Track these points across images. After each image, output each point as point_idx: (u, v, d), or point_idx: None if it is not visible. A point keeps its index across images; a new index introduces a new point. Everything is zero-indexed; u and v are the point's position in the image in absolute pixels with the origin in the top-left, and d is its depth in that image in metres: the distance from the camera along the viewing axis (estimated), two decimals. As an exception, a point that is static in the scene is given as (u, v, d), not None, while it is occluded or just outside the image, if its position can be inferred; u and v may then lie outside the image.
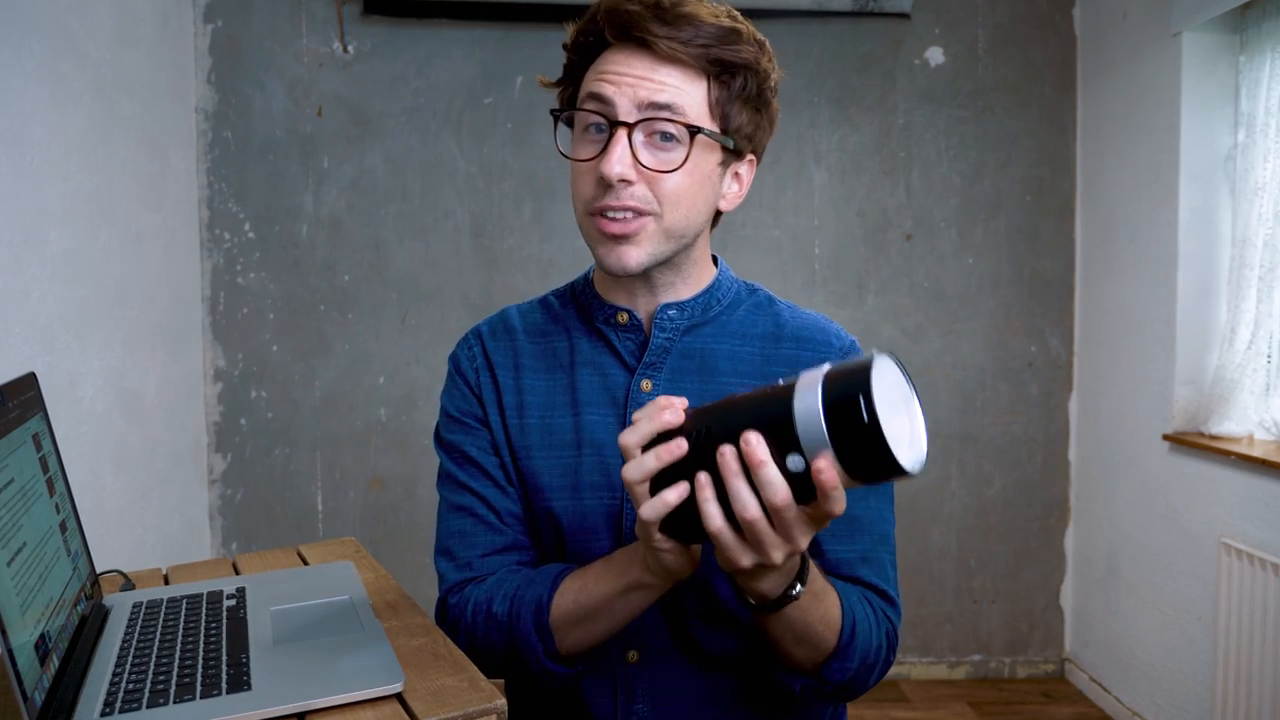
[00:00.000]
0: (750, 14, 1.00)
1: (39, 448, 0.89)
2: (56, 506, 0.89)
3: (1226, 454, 2.22)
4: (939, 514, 2.96)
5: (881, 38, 2.87)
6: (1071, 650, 2.99)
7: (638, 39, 0.87)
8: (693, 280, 0.98)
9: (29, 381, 0.91)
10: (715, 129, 0.90)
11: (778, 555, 0.71)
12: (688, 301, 0.97)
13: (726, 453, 0.69)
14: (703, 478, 0.71)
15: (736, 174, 0.96)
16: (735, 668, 0.96)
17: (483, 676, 0.77)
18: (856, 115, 2.88)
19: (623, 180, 0.87)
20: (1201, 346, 2.42)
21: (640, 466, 0.73)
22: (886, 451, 0.63)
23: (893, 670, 2.97)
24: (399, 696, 0.74)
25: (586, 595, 0.88)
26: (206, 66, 2.71)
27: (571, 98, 0.95)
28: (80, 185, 1.96)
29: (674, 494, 0.72)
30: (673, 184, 0.89)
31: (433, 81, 2.79)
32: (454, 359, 1.04)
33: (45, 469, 0.89)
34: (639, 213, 0.88)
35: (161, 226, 2.43)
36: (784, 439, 0.67)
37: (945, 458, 2.95)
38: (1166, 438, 2.44)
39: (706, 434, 0.71)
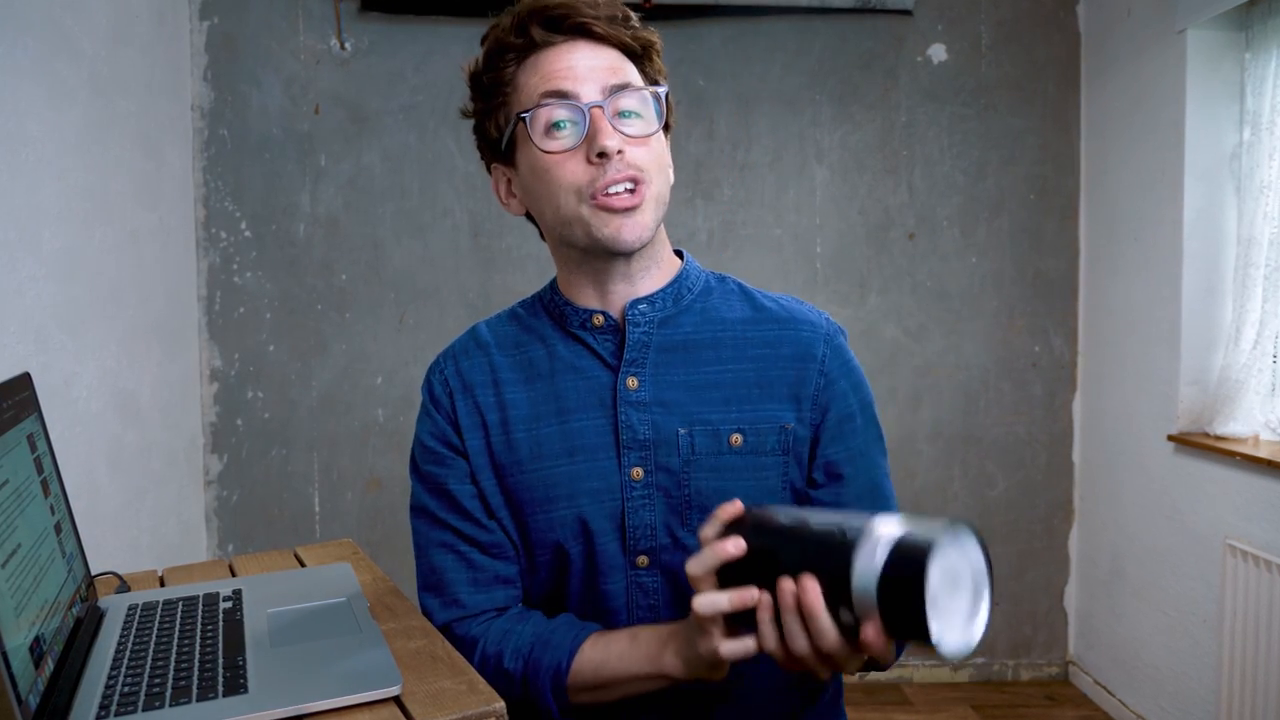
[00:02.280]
0: (752, 11, 1.02)
1: (33, 448, 0.88)
2: (51, 508, 0.89)
3: (1232, 455, 2.20)
4: (941, 515, 2.93)
5: (884, 35, 2.85)
6: (1075, 653, 2.97)
7: (573, 28, 0.91)
8: (662, 269, 0.99)
9: (23, 381, 0.91)
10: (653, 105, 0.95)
11: (824, 674, 0.76)
12: (657, 294, 0.98)
13: (785, 591, 0.73)
14: (765, 599, 0.75)
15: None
16: (742, 664, 0.95)
17: (481, 679, 0.77)
18: (858, 113, 2.87)
19: (618, 151, 0.89)
20: (1206, 346, 2.40)
21: (713, 604, 0.78)
22: (925, 633, 0.65)
23: (895, 673, 2.95)
24: (397, 699, 0.73)
25: (608, 670, 0.90)
26: (203, 64, 2.70)
27: (486, 114, 0.98)
28: (75, 183, 1.95)
29: (726, 601, 0.77)
30: (654, 149, 0.93)
31: (431, 79, 2.78)
32: (427, 386, 1.03)
33: (40, 470, 0.89)
34: (636, 182, 0.90)
35: (157, 225, 2.42)
36: (839, 592, 0.70)
37: (948, 459, 2.93)
38: (1171, 438, 2.43)
39: (769, 555, 0.76)
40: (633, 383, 0.95)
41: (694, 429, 0.94)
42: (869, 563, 0.68)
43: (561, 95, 0.90)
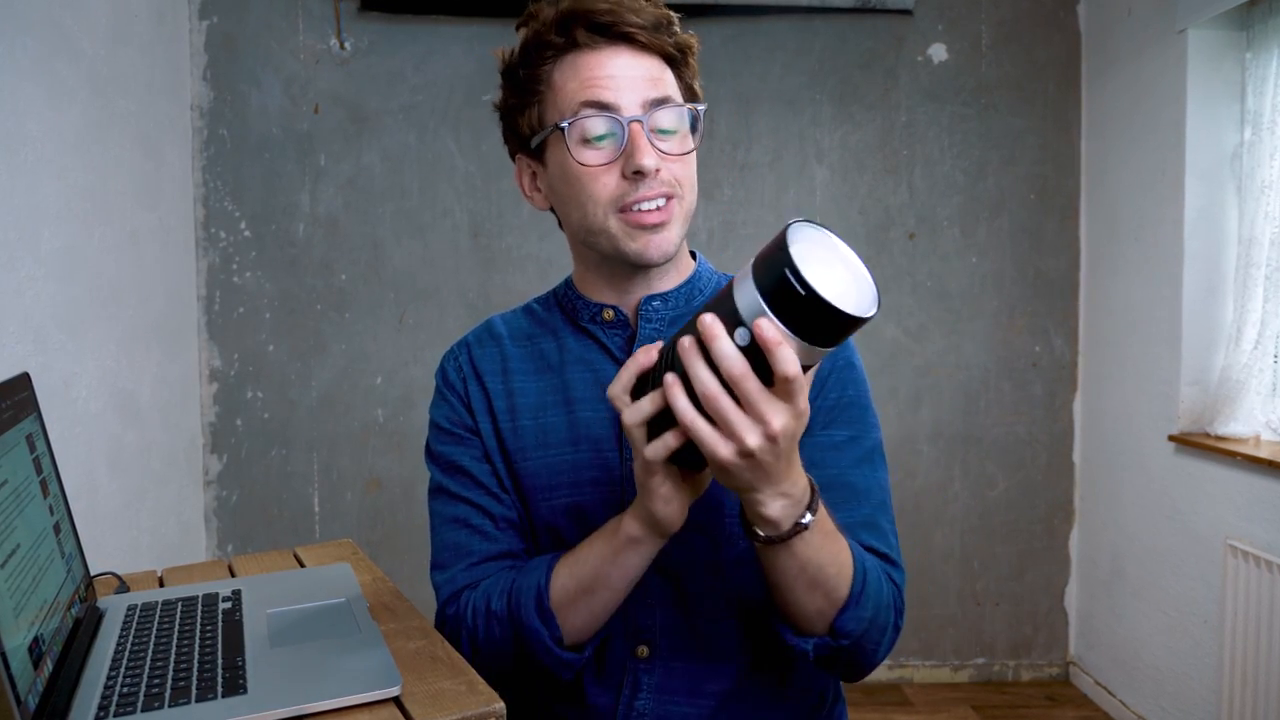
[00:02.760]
0: (752, 10, 1.02)
1: (33, 449, 0.88)
2: (50, 508, 0.89)
3: (1233, 455, 2.20)
4: (942, 516, 2.94)
5: (884, 34, 2.85)
6: (1076, 653, 2.97)
7: (619, 35, 0.90)
8: (678, 270, 1.00)
9: (22, 382, 0.90)
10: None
11: (751, 439, 0.71)
12: (671, 292, 0.98)
13: (684, 341, 0.72)
14: (669, 377, 0.73)
15: None
16: (742, 666, 0.96)
17: (481, 680, 0.77)
18: (859, 113, 2.86)
19: (655, 170, 0.90)
20: (1207, 346, 2.40)
21: (637, 411, 0.76)
22: (816, 299, 0.65)
23: (895, 673, 2.95)
24: (397, 700, 0.73)
25: (581, 567, 0.88)
26: (202, 63, 2.69)
27: (519, 109, 0.96)
28: (75, 183, 1.95)
29: (649, 404, 0.76)
30: (688, 166, 0.94)
31: (431, 78, 2.77)
32: (441, 372, 1.04)
33: (39, 470, 0.88)
34: (668, 198, 0.91)
35: (157, 225, 2.41)
36: (731, 321, 0.70)
37: (948, 459, 2.93)
38: (1172, 438, 2.42)
39: (672, 344, 0.75)
40: None
41: None
42: (743, 283, 0.69)
43: (601, 106, 0.90)
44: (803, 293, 0.65)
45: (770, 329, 0.67)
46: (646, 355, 0.77)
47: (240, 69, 2.71)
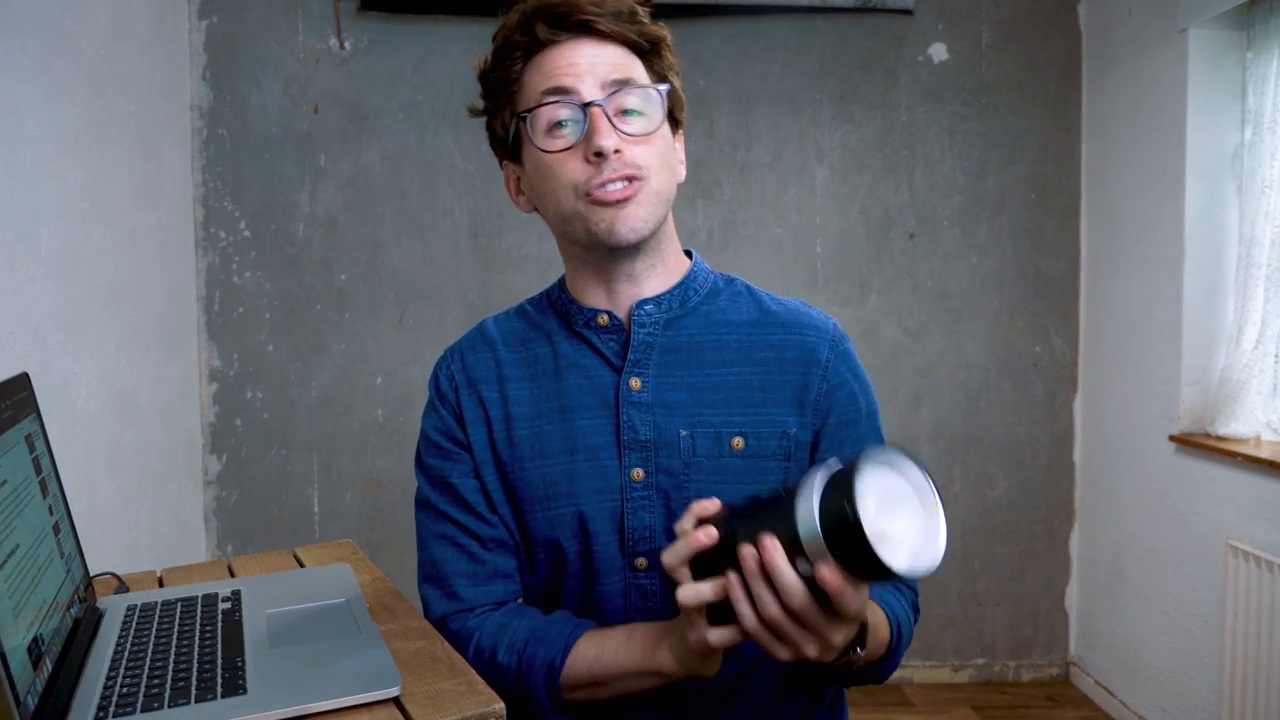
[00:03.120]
0: (752, 10, 1.01)
1: (32, 449, 0.88)
2: (50, 508, 0.89)
3: (1233, 455, 2.20)
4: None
5: (884, 34, 2.84)
6: (1076, 653, 2.97)
7: (577, 25, 0.91)
8: (669, 269, 0.99)
9: (22, 382, 0.90)
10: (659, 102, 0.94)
11: (810, 650, 0.75)
12: (663, 295, 0.97)
13: (746, 555, 0.73)
14: (733, 577, 0.74)
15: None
16: (744, 668, 0.96)
17: (481, 680, 0.77)
18: (859, 113, 2.86)
19: (615, 151, 0.89)
20: (1208, 346, 2.40)
21: (696, 594, 0.77)
22: (874, 559, 0.66)
23: (896, 674, 2.94)
24: (396, 701, 0.73)
25: (602, 667, 0.89)
26: (202, 63, 2.69)
27: (493, 112, 0.97)
28: (74, 183, 1.95)
29: (709, 592, 0.76)
30: (656, 147, 0.92)
31: (430, 78, 2.77)
32: (433, 380, 1.03)
33: (38, 470, 0.88)
34: (632, 178, 0.90)
35: (156, 225, 2.41)
36: (792, 545, 0.71)
37: (949, 459, 2.92)
38: (1173, 439, 2.42)
39: (733, 535, 0.75)
40: (636, 383, 0.95)
41: (695, 431, 0.94)
42: (808, 505, 0.69)
43: (561, 92, 0.90)
44: (864, 557, 0.66)
45: (834, 578, 0.69)
46: (708, 535, 0.77)
47: (240, 69, 2.71)
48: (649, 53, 0.95)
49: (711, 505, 0.80)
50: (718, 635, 0.78)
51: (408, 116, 2.77)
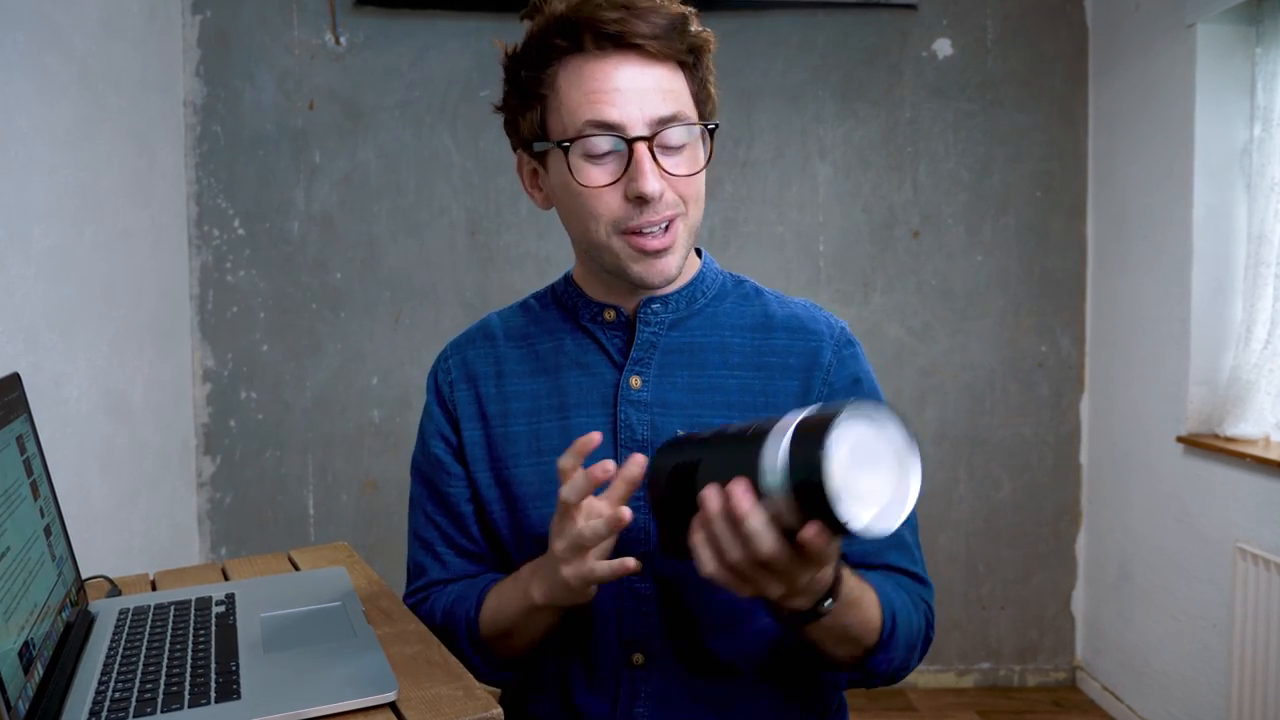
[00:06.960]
0: (755, 5, 0.98)
1: (23, 450, 0.88)
2: (41, 510, 0.89)
3: (1242, 456, 2.17)
4: (947, 518, 2.90)
5: (888, 29, 2.82)
6: (1083, 658, 2.94)
7: (626, 45, 0.86)
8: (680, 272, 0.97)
9: (12, 382, 0.91)
10: (699, 117, 0.92)
11: (774, 591, 0.72)
12: (672, 295, 0.97)
13: (709, 498, 0.70)
14: (699, 518, 0.72)
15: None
16: (742, 674, 0.95)
17: (478, 684, 0.77)
18: (862, 109, 2.83)
19: (659, 194, 0.87)
20: (1216, 346, 2.37)
21: (575, 490, 0.79)
22: (831, 514, 0.63)
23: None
24: (393, 705, 0.73)
25: (501, 614, 0.91)
26: (195, 59, 2.66)
27: (520, 109, 0.93)
28: (66, 180, 1.93)
29: (606, 566, 0.80)
30: (695, 183, 0.90)
31: (427, 74, 2.74)
32: (431, 376, 1.04)
33: (29, 472, 0.88)
34: (671, 221, 0.89)
35: (149, 223, 2.39)
36: (756, 485, 0.68)
37: (953, 460, 2.90)
38: (1180, 440, 2.39)
39: (694, 467, 0.73)
40: (636, 382, 0.95)
41: (693, 432, 0.92)
42: (775, 450, 0.66)
43: (605, 125, 0.86)
44: (824, 510, 0.64)
45: (810, 530, 0.66)
46: (637, 464, 0.78)
47: (233, 64, 2.68)
48: (692, 65, 0.91)
49: (637, 461, 0.80)
50: (608, 567, 0.79)
51: (404, 113, 2.75)
